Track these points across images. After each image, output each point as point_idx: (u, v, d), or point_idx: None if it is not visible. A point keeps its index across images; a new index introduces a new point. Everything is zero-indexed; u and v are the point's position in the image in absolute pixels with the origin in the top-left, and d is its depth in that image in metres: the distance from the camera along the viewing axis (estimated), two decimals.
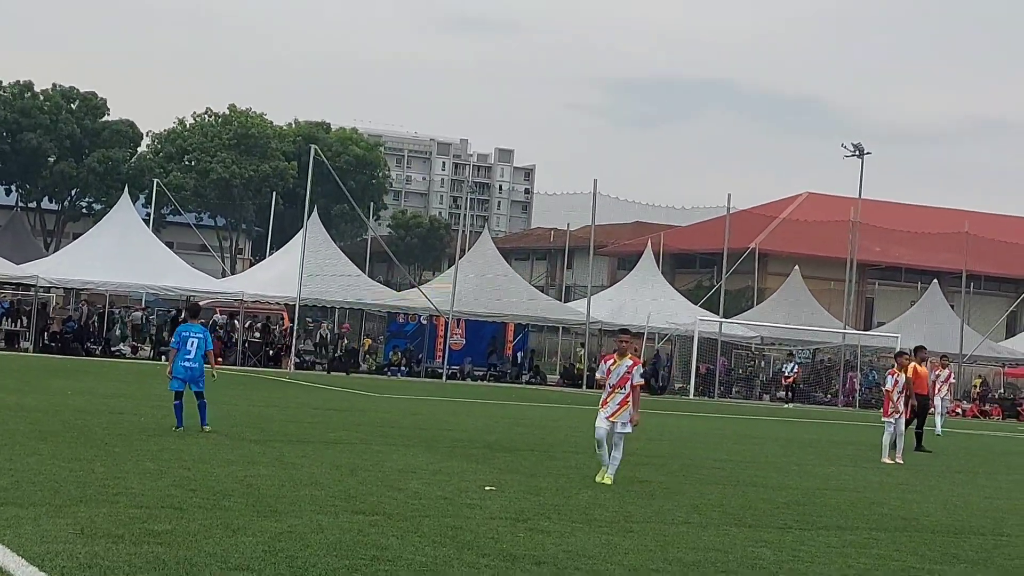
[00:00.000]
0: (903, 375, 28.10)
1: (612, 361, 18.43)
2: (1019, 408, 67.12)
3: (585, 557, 11.69)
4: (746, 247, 75.38)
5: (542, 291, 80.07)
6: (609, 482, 17.88)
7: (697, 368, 61.98)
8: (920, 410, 31.09)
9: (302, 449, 20.08)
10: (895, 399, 27.52)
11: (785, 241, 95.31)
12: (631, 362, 18.33)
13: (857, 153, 71.40)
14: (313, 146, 61.71)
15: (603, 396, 18.45)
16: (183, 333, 22.42)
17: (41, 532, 10.87)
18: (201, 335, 22.52)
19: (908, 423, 29.50)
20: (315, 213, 59.33)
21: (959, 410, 63.34)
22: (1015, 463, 31.09)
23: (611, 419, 18.12)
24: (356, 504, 14.12)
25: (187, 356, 22.16)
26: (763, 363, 71.73)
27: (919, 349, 33.02)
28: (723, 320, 64.40)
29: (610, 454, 18.23)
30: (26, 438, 18.50)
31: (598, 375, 18.96)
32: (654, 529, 14.00)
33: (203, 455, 17.99)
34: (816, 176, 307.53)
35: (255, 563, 10.18)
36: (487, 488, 16.47)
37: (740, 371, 69.28)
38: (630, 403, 18.20)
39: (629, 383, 18.20)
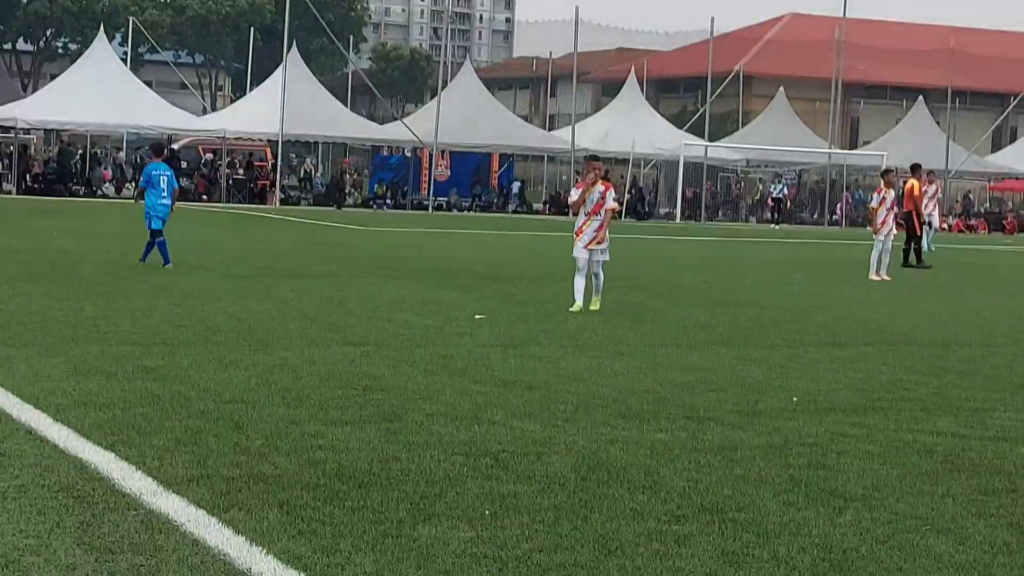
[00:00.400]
0: (891, 192, 28.12)
1: (584, 189, 18.16)
2: (1004, 221, 67.43)
3: (576, 380, 11.77)
4: (730, 70, 74.75)
5: (526, 120, 79.63)
6: (597, 308, 17.76)
7: (683, 192, 61.97)
8: (912, 228, 31.16)
9: (291, 283, 20.11)
10: (883, 216, 27.55)
11: (769, 63, 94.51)
12: (603, 187, 18.12)
13: None
14: None
15: (577, 224, 18.25)
16: (153, 172, 22.53)
17: (34, 371, 10.89)
18: (169, 173, 22.76)
19: (910, 239, 29.74)
20: (294, 48, 58.66)
21: (945, 225, 63.57)
22: (1002, 276, 31.26)
23: (589, 247, 17.94)
24: (346, 336, 14.17)
25: (162, 195, 22.23)
26: (749, 186, 71.69)
27: (915, 168, 32.95)
28: (709, 144, 64.15)
29: (593, 282, 18.03)
30: (14, 279, 18.47)
31: (570, 199, 18.97)
32: (643, 352, 14.09)
33: (193, 291, 18.00)
34: None
35: (248, 395, 10.22)
36: (477, 316, 16.53)
37: (726, 194, 69.30)
38: (607, 229, 18.12)
39: (603, 208, 18.07)
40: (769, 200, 63.49)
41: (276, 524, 6.72)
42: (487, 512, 7.13)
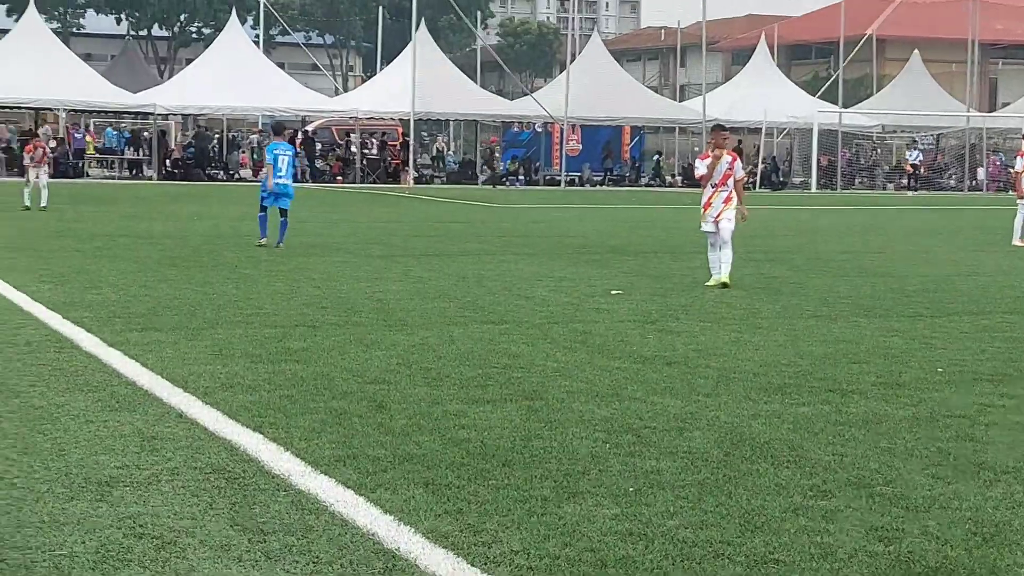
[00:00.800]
0: None
1: (710, 159, 17.72)
2: None
3: (716, 355, 11.72)
4: (863, 34, 73.50)
5: (656, 92, 79.16)
6: (727, 281, 17.31)
7: (818, 161, 61.17)
8: None
9: (428, 263, 20.27)
10: None
11: (903, 25, 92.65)
12: (730, 158, 17.68)
13: None
14: None
15: (705, 197, 17.76)
16: (275, 151, 22.90)
17: (181, 355, 11.13)
18: (291, 152, 23.31)
19: None
20: (423, 25, 58.89)
21: None
22: None
23: (717, 220, 17.46)
24: (485, 314, 14.25)
25: (278, 173, 22.65)
26: (885, 152, 70.53)
27: None
28: (842, 111, 63.20)
29: (720, 254, 17.51)
30: (158, 265, 18.87)
31: (697, 173, 18.21)
32: (783, 324, 13.97)
33: (332, 273, 18.24)
34: None
35: (390, 376, 10.34)
36: (613, 292, 16.52)
37: (862, 161, 68.24)
38: (734, 199, 17.66)
39: (732, 179, 17.65)
40: (907, 167, 62.41)
41: (422, 503, 6.79)
42: (631, 489, 7.13)
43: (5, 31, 61.30)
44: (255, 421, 8.58)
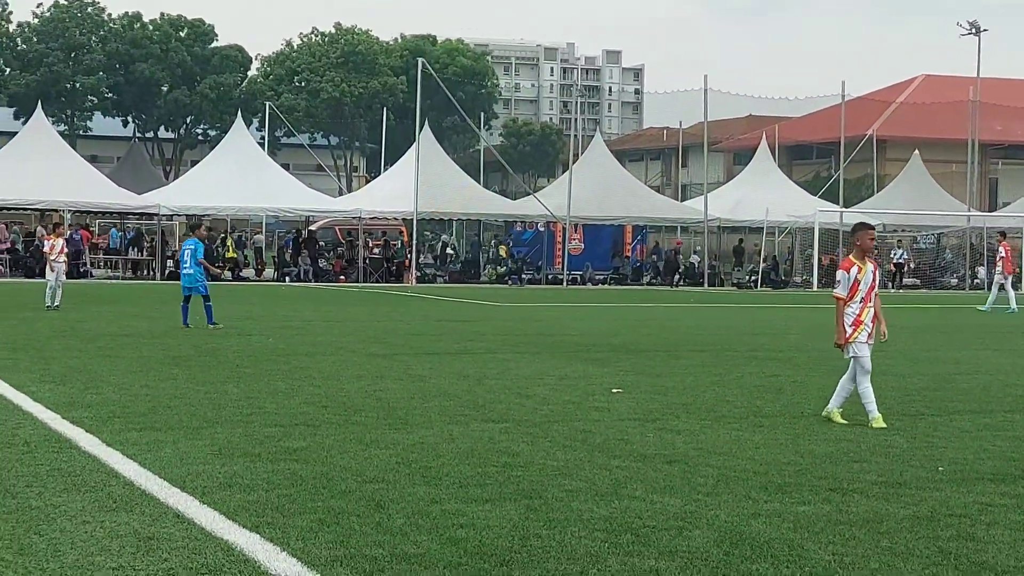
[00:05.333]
0: None
1: (857, 268, 14.40)
2: None
3: (716, 453, 11.68)
4: (863, 134, 74.03)
5: (658, 191, 79.55)
6: (839, 419, 14.27)
7: (819, 260, 61.35)
8: None
9: (429, 361, 20.26)
10: None
11: (903, 126, 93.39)
12: (873, 266, 14.64)
13: (973, 31, 69.76)
14: (421, 59, 61.63)
15: (854, 313, 14.31)
16: (183, 248, 26.92)
17: (180, 454, 11.09)
18: (192, 246, 26.58)
19: None
20: (426, 127, 59.36)
21: None
22: None
23: (870, 341, 14.44)
24: (485, 413, 14.23)
25: (184, 265, 26.40)
26: (885, 251, 70.67)
27: None
28: (844, 210, 63.43)
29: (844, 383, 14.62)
30: (160, 364, 18.87)
31: (838, 291, 14.51)
32: (784, 423, 13.93)
33: (333, 372, 18.22)
34: (932, 58, 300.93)
35: (389, 475, 10.31)
36: (614, 391, 16.50)
37: None
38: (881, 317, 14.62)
39: (874, 292, 14.51)
40: (891, 266, 62.70)
41: None
42: None
43: (12, 133, 61.78)
44: (253, 521, 8.54)
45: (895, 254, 63.20)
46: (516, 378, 17.89)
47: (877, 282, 14.52)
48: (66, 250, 34.24)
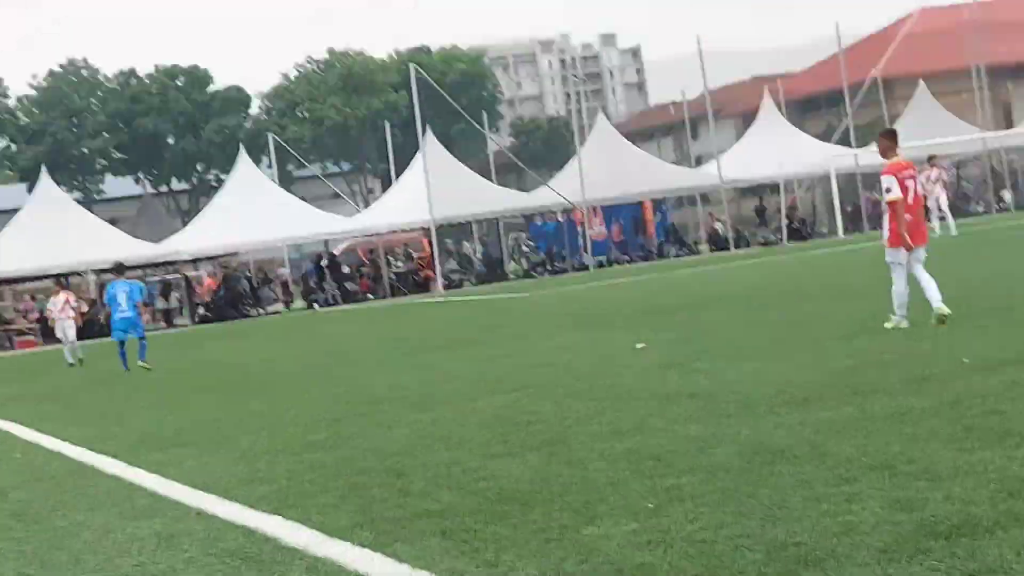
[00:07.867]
0: None
1: (902, 171, 14.49)
2: None
3: (739, 383, 11.54)
4: (867, 77, 73.46)
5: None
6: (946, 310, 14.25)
7: (841, 206, 60.90)
8: None
9: (454, 351, 20.16)
10: None
11: (907, 62, 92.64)
12: (912, 170, 14.88)
13: None
14: (412, 64, 61.16)
15: (907, 223, 14.45)
16: (111, 291, 24.96)
17: (203, 464, 11.01)
18: (127, 288, 24.93)
19: None
20: (429, 131, 59.06)
21: None
22: None
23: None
24: (509, 384, 14.09)
25: (119, 309, 24.63)
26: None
27: None
28: (857, 151, 62.94)
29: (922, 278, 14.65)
30: (185, 392, 18.86)
31: (892, 196, 14.40)
32: (808, 347, 13.75)
33: (356, 375, 18.17)
34: None
35: (411, 447, 10.22)
36: (638, 346, 16.36)
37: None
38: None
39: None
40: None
41: (439, 550, 6.66)
42: (650, 505, 6.98)
43: None
44: (274, 506, 8.47)
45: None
46: (541, 351, 17.78)
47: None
48: (72, 304, 34.02)
